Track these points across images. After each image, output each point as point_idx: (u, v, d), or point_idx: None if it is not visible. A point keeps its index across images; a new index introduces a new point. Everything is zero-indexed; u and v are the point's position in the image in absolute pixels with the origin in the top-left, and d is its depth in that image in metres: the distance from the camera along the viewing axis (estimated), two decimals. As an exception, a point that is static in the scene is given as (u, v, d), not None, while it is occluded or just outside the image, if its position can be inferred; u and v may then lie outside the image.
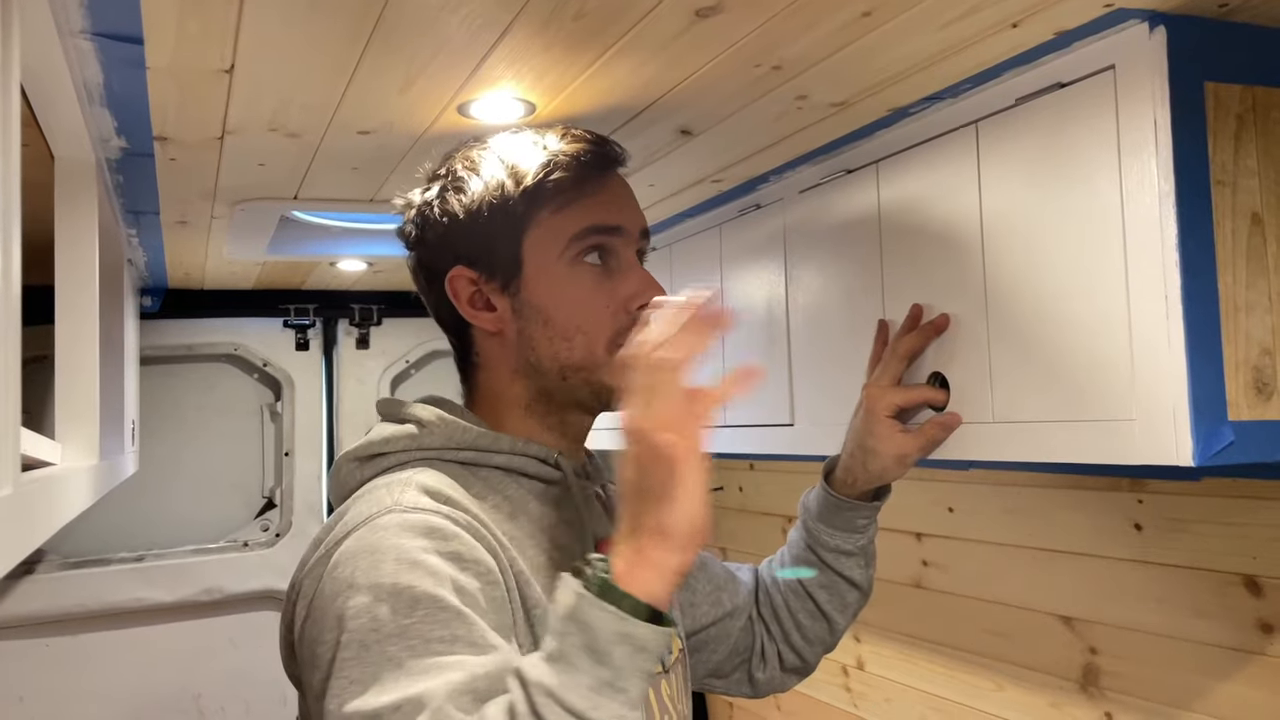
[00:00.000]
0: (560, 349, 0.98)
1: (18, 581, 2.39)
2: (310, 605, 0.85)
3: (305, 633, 0.85)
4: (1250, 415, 0.92)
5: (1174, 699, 1.41)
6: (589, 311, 0.97)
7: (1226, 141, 0.93)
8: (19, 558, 0.68)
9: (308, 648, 0.84)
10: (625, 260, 0.99)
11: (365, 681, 0.76)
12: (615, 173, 1.02)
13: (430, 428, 0.97)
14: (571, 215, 0.97)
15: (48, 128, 1.10)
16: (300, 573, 0.91)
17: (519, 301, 0.98)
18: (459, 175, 1.00)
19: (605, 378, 0.97)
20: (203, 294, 2.57)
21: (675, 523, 0.77)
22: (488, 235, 0.98)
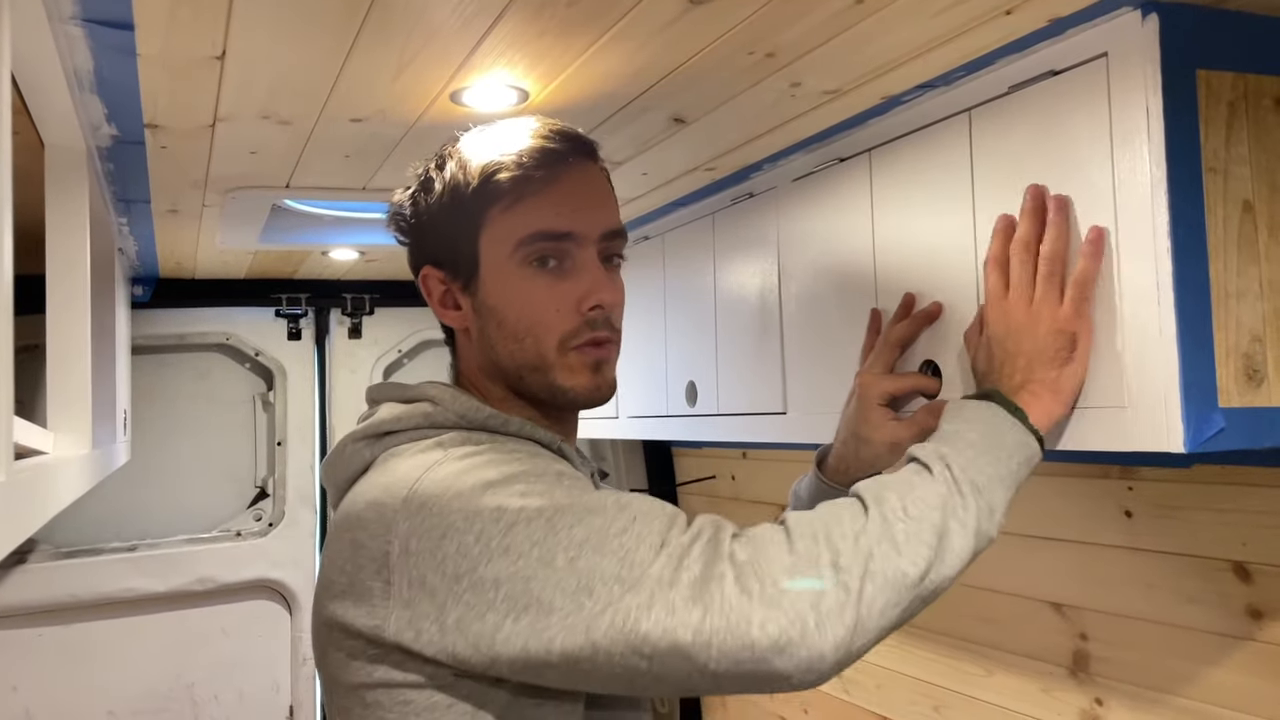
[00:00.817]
0: (514, 349, 0.98)
1: (10, 571, 2.39)
2: (434, 532, 0.82)
3: (444, 554, 0.81)
4: (1241, 402, 0.92)
5: (1163, 684, 1.42)
6: (537, 313, 0.97)
7: (1218, 129, 0.93)
8: (12, 545, 0.68)
9: (457, 560, 0.80)
10: (579, 261, 0.98)
11: (580, 523, 0.79)
12: (576, 170, 0.98)
13: (445, 404, 0.97)
14: (519, 217, 0.96)
15: (38, 115, 1.10)
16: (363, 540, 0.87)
17: (478, 301, 0.99)
18: (429, 175, 1.01)
19: (557, 379, 0.98)
20: (194, 283, 2.56)
21: (1067, 381, 0.97)
22: (448, 235, 0.99)
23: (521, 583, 0.78)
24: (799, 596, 0.75)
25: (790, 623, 0.74)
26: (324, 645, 0.93)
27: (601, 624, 0.76)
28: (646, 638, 0.75)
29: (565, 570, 0.78)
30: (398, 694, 0.86)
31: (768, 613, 0.74)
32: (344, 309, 2.76)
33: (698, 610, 0.75)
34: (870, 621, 0.77)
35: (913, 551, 0.81)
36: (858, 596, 0.77)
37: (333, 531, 0.94)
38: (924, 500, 0.84)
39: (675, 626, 0.74)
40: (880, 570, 0.79)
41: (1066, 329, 0.96)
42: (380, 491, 0.88)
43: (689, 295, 1.76)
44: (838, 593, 0.76)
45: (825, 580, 0.76)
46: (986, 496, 0.87)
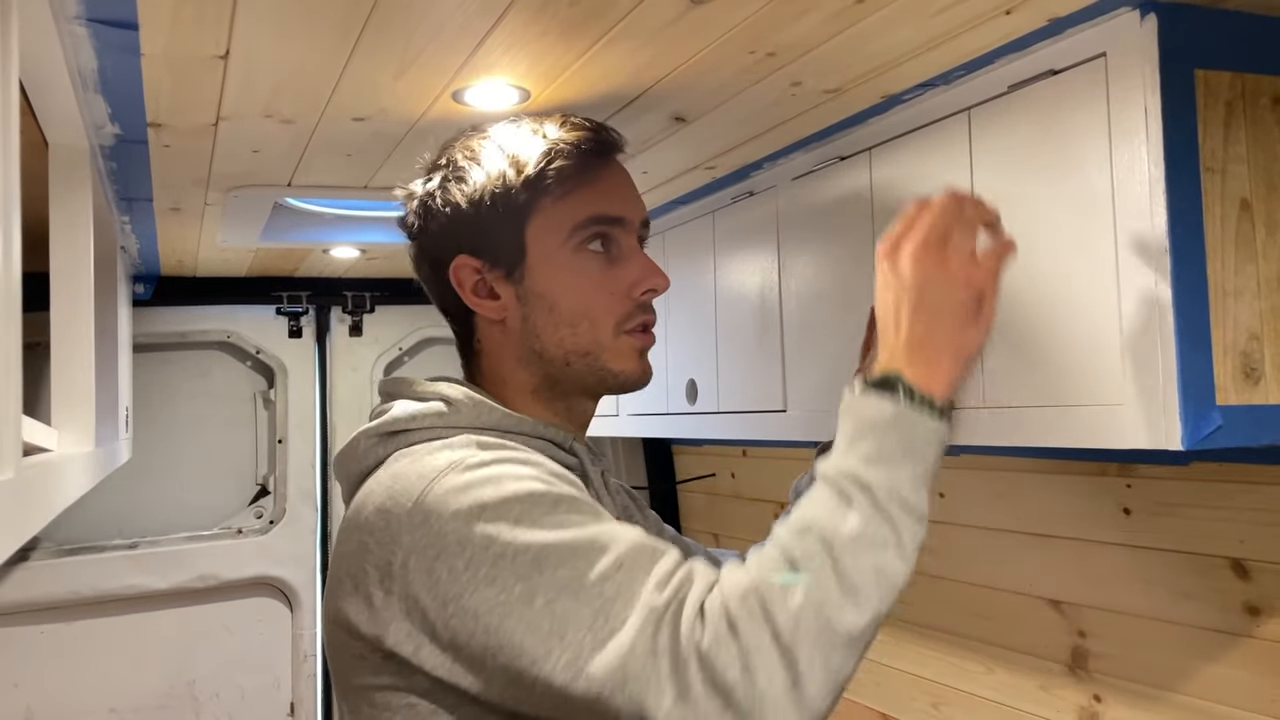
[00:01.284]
0: (565, 335, 0.99)
1: (12, 569, 2.40)
2: (432, 549, 0.83)
3: (438, 575, 0.82)
4: (1238, 400, 0.93)
5: (1162, 681, 1.42)
6: (593, 298, 0.99)
7: (1216, 128, 0.94)
8: (21, 541, 0.68)
9: (449, 585, 0.82)
10: (627, 247, 1.01)
11: (563, 565, 0.80)
12: (615, 160, 1.03)
13: (458, 406, 0.97)
14: (574, 204, 0.99)
15: (42, 114, 1.10)
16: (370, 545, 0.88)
17: (523, 289, 1.00)
18: (460, 165, 1.01)
19: (609, 363, 1.01)
20: (195, 281, 2.57)
21: (970, 342, 0.88)
22: (490, 224, 0.99)
23: (498, 618, 0.80)
24: (753, 689, 0.75)
25: (752, 714, 0.75)
26: (333, 643, 0.94)
27: (579, 687, 0.77)
28: (620, 710, 0.76)
29: (542, 612, 0.79)
30: (403, 697, 0.87)
31: (729, 711, 0.75)
32: (345, 307, 2.76)
33: (669, 694, 0.75)
34: (830, 684, 0.77)
35: (855, 604, 0.78)
36: (808, 669, 0.76)
37: (344, 530, 0.94)
38: (854, 546, 0.80)
39: (651, 708, 0.75)
40: (828, 641, 0.77)
41: (976, 285, 0.88)
42: (387, 498, 0.88)
43: (689, 293, 1.76)
44: (787, 675, 0.75)
45: (774, 667, 0.75)
46: (915, 509, 0.83)
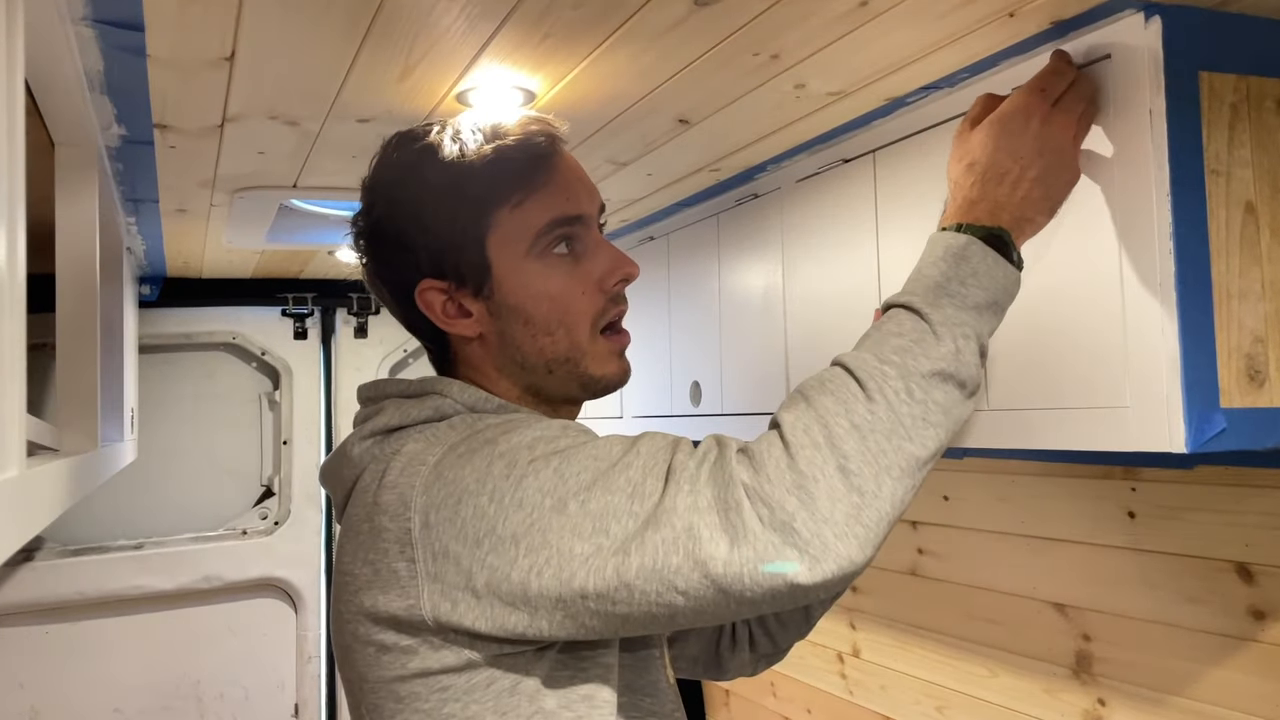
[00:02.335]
0: (544, 344, 0.97)
1: (17, 569, 2.40)
2: (450, 500, 0.83)
3: (463, 518, 0.82)
4: (1242, 402, 0.93)
5: (1166, 685, 1.42)
6: (566, 301, 0.97)
7: (1221, 131, 0.94)
8: (24, 539, 0.69)
9: (477, 522, 0.82)
10: (591, 242, 0.98)
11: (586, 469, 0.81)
12: (562, 154, 0.99)
13: (453, 397, 0.96)
14: (532, 210, 0.95)
15: (48, 115, 1.11)
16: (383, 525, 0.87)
17: (494, 304, 0.97)
18: (403, 185, 0.97)
19: (590, 368, 0.99)
20: (201, 283, 2.58)
21: (1060, 193, 0.95)
22: (448, 244, 0.96)
23: (539, 534, 0.79)
24: (810, 518, 0.75)
25: (808, 543, 0.74)
26: (348, 644, 0.92)
27: (632, 562, 0.77)
28: (678, 571, 0.76)
29: (579, 514, 0.79)
30: (435, 681, 0.86)
31: (785, 538, 0.75)
32: (350, 308, 2.77)
33: (724, 542, 0.75)
34: (892, 511, 0.78)
35: (922, 435, 0.79)
36: (874, 497, 0.76)
37: (347, 526, 0.93)
38: (929, 376, 0.81)
39: (705, 560, 0.75)
40: (894, 464, 0.78)
41: (1072, 145, 0.95)
42: (396, 475, 0.88)
43: (693, 296, 1.76)
44: (850, 499, 0.76)
45: (836, 492, 0.76)
46: (976, 342, 0.86)
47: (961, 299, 0.87)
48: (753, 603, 0.76)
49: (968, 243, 0.89)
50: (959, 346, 0.84)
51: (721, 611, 0.78)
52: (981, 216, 0.91)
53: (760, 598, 0.76)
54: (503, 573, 0.80)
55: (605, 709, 0.87)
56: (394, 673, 0.87)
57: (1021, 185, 0.93)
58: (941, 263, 0.89)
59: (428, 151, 0.96)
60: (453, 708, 0.85)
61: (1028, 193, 0.93)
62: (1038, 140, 0.93)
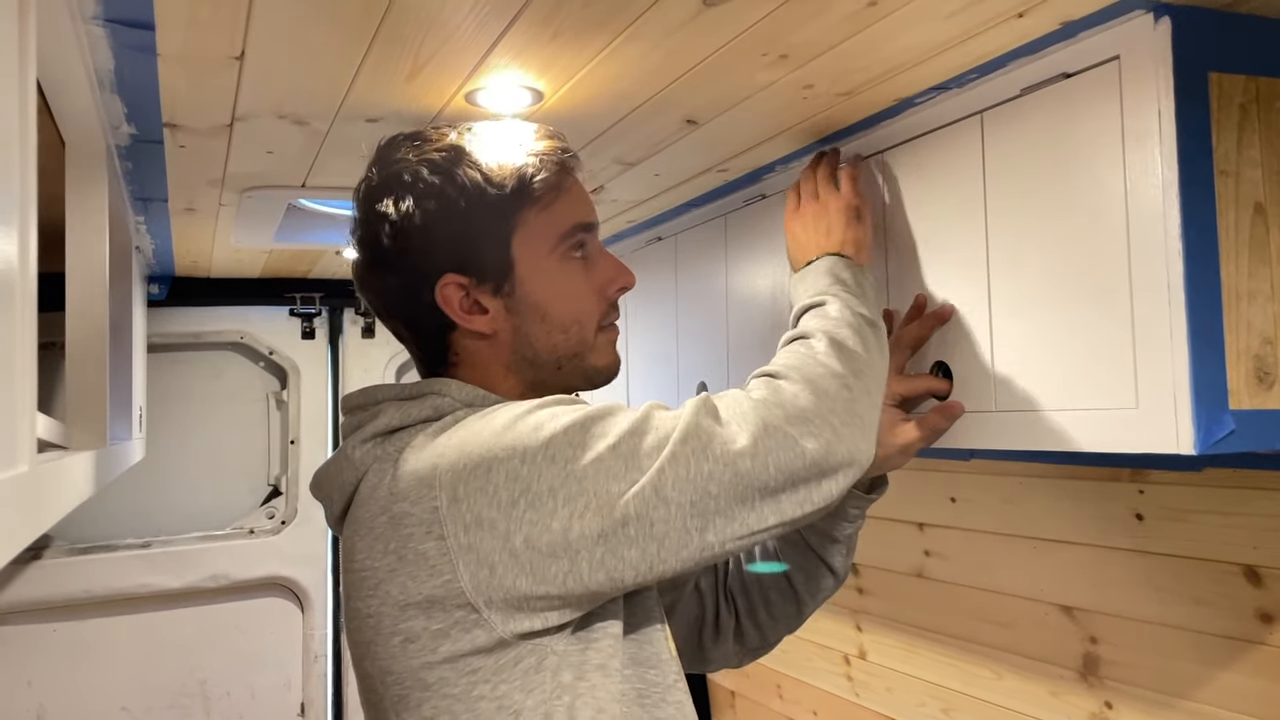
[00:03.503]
0: (558, 341, 1.02)
1: (25, 567, 2.41)
2: (478, 473, 0.87)
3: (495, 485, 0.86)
4: (1251, 404, 0.93)
5: (1174, 688, 1.42)
6: (582, 301, 1.04)
7: (1230, 131, 0.94)
8: (34, 535, 0.69)
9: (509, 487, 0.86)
10: (594, 249, 1.06)
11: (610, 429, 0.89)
12: (578, 167, 1.08)
13: (451, 395, 0.98)
14: (557, 213, 1.02)
15: (59, 114, 1.11)
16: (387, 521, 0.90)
17: (513, 301, 1.00)
18: (431, 182, 0.97)
19: (593, 360, 1.06)
20: (209, 282, 2.58)
21: (865, 236, 1.20)
22: (475, 240, 0.98)
23: (576, 482, 0.86)
24: (832, 419, 0.91)
25: (819, 429, 0.89)
26: (369, 640, 0.92)
27: (667, 477, 0.85)
28: (710, 476, 0.86)
29: (610, 457, 0.86)
30: (464, 664, 0.87)
31: (803, 427, 0.89)
32: (357, 308, 2.78)
33: (746, 439, 0.87)
34: (873, 413, 0.97)
35: (874, 354, 1.02)
36: (864, 394, 0.96)
37: (359, 526, 0.94)
38: (855, 319, 1.04)
39: (734, 457, 0.86)
40: (863, 369, 0.98)
41: (851, 204, 1.20)
42: (413, 464, 0.91)
43: (701, 296, 1.77)
44: (845, 399, 0.93)
45: (838, 400, 0.93)
46: (869, 316, 1.06)
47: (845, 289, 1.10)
48: (774, 491, 0.87)
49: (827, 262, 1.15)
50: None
51: (749, 514, 0.87)
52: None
53: (784, 483, 0.88)
54: (543, 525, 0.85)
55: (615, 678, 0.91)
56: (422, 660, 0.89)
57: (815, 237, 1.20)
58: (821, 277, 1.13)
59: (453, 147, 1.00)
60: (482, 689, 0.88)
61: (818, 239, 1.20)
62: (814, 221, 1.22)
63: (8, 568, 2.38)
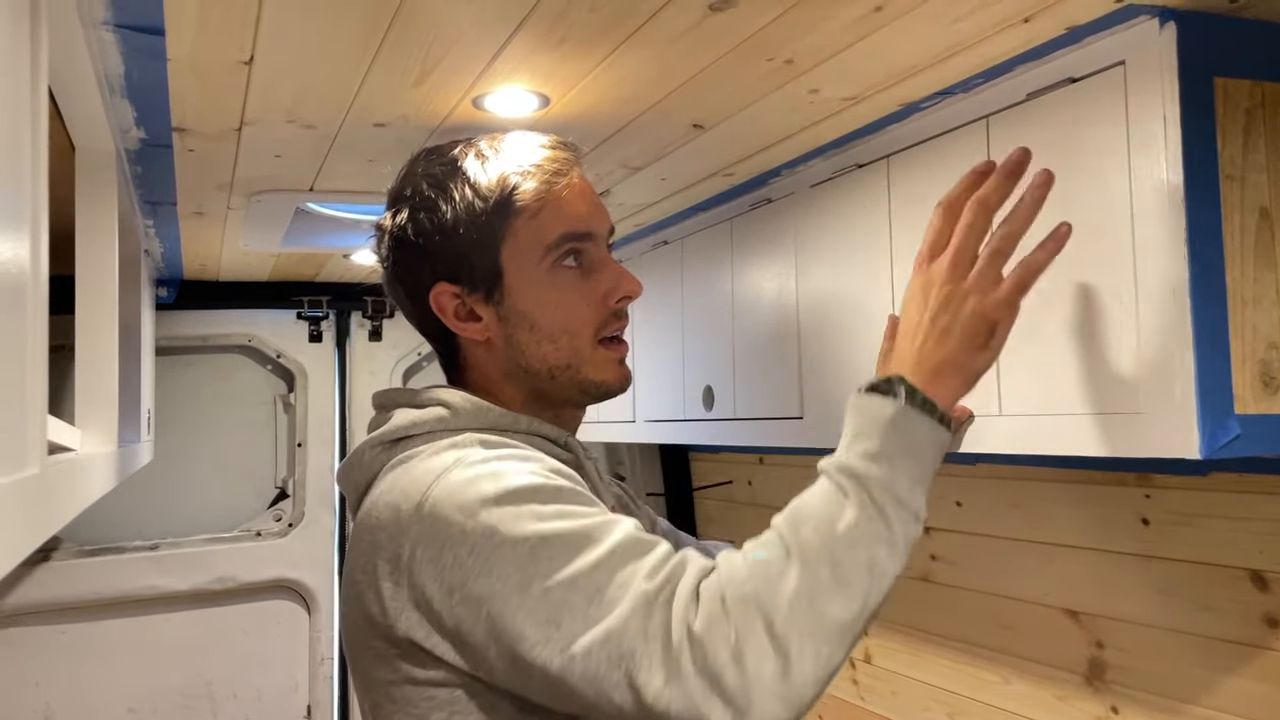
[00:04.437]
0: (548, 351, 1.02)
1: (34, 568, 2.42)
2: (437, 541, 0.86)
3: (443, 564, 0.85)
4: (1257, 409, 0.93)
5: (1180, 693, 1.41)
6: (572, 312, 1.02)
7: (1235, 137, 0.94)
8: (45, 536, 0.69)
9: (454, 573, 0.85)
10: (598, 258, 1.04)
11: (559, 555, 0.82)
12: (579, 175, 1.04)
13: (457, 409, 1.00)
14: (544, 224, 1.01)
15: (69, 118, 1.12)
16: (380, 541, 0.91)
17: (503, 309, 1.02)
18: (427, 195, 1.02)
19: (590, 374, 1.03)
20: (217, 285, 2.59)
21: (978, 365, 0.92)
22: (465, 250, 1.01)
23: (499, 603, 0.82)
24: (743, 674, 0.77)
25: (734, 697, 0.77)
26: (353, 644, 0.96)
27: (576, 667, 0.79)
28: (616, 687, 0.79)
29: (539, 600, 0.81)
30: (422, 690, 0.89)
31: (713, 687, 0.77)
32: (364, 312, 2.78)
33: (660, 676, 0.78)
34: (818, 673, 0.79)
35: (845, 596, 0.81)
36: (798, 657, 0.78)
37: (355, 534, 0.97)
38: (847, 538, 0.82)
39: (640, 686, 0.78)
40: (816, 628, 0.79)
41: (992, 316, 0.90)
42: (398, 495, 0.91)
43: (706, 300, 1.77)
44: (777, 661, 0.78)
45: (764, 653, 0.78)
46: (910, 506, 0.85)
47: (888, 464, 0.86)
48: None
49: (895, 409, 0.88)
50: (883, 510, 0.84)
51: None
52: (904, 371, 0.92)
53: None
54: (468, 626, 0.84)
55: None
56: (388, 677, 0.91)
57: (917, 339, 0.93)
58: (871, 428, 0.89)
59: (452, 161, 1.03)
60: (439, 715, 0.89)
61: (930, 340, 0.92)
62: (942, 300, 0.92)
63: (17, 569, 2.38)
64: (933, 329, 0.92)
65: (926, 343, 0.92)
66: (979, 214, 0.93)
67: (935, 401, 0.89)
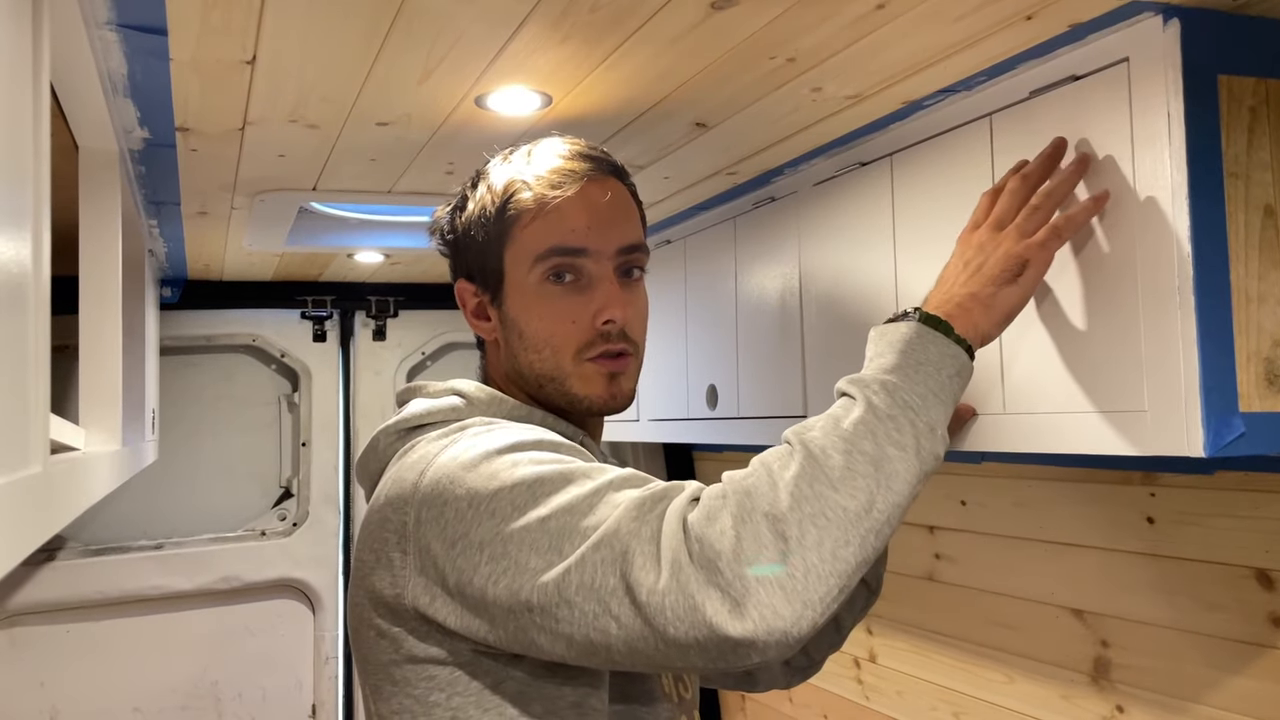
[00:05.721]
0: (533, 359, 1.03)
1: (39, 568, 2.42)
2: (439, 500, 0.87)
3: (446, 518, 0.86)
4: (1261, 407, 0.92)
5: (1185, 692, 1.41)
6: (554, 326, 1.01)
7: (1239, 134, 0.93)
8: (47, 535, 0.70)
9: (455, 524, 0.85)
10: (594, 276, 1.02)
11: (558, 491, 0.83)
12: (593, 187, 1.02)
13: (472, 400, 1.02)
14: (536, 234, 1.01)
15: (72, 118, 1.12)
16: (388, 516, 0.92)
17: (503, 314, 1.05)
18: (465, 194, 1.08)
19: (574, 388, 1.02)
20: (222, 285, 2.60)
21: (1006, 300, 0.95)
22: (477, 251, 1.05)
23: (501, 544, 0.82)
24: (739, 560, 0.74)
25: (730, 584, 0.74)
26: (357, 626, 0.97)
27: (572, 579, 0.79)
28: (613, 593, 0.77)
29: (538, 530, 0.81)
30: (422, 669, 0.90)
31: (710, 576, 0.74)
32: (368, 311, 2.78)
33: (653, 572, 0.75)
34: (821, 566, 0.75)
35: (850, 485, 0.78)
36: (798, 544, 0.75)
37: (366, 516, 0.99)
38: (853, 431, 0.81)
39: (634, 584, 0.76)
40: (819, 512, 0.76)
41: (1023, 254, 0.95)
42: (405, 470, 0.93)
43: (710, 299, 1.77)
44: (777, 547, 0.75)
45: (762, 539, 0.75)
46: (924, 415, 0.85)
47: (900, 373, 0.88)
48: (680, 645, 0.75)
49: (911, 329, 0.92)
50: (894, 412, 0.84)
51: (653, 653, 0.77)
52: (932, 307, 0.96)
53: (686, 639, 0.74)
54: (468, 576, 0.84)
55: (595, 717, 0.89)
56: (389, 656, 0.92)
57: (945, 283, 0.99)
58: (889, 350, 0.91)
59: (486, 168, 1.08)
60: (438, 696, 0.89)
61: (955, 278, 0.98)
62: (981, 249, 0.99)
63: (23, 569, 2.39)
64: (963, 270, 0.97)
65: (955, 282, 0.97)
66: (1020, 185, 1.00)
67: (952, 324, 0.92)
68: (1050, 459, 1.56)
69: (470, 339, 1.16)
